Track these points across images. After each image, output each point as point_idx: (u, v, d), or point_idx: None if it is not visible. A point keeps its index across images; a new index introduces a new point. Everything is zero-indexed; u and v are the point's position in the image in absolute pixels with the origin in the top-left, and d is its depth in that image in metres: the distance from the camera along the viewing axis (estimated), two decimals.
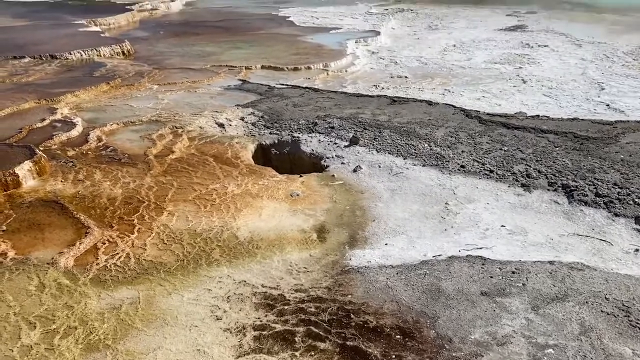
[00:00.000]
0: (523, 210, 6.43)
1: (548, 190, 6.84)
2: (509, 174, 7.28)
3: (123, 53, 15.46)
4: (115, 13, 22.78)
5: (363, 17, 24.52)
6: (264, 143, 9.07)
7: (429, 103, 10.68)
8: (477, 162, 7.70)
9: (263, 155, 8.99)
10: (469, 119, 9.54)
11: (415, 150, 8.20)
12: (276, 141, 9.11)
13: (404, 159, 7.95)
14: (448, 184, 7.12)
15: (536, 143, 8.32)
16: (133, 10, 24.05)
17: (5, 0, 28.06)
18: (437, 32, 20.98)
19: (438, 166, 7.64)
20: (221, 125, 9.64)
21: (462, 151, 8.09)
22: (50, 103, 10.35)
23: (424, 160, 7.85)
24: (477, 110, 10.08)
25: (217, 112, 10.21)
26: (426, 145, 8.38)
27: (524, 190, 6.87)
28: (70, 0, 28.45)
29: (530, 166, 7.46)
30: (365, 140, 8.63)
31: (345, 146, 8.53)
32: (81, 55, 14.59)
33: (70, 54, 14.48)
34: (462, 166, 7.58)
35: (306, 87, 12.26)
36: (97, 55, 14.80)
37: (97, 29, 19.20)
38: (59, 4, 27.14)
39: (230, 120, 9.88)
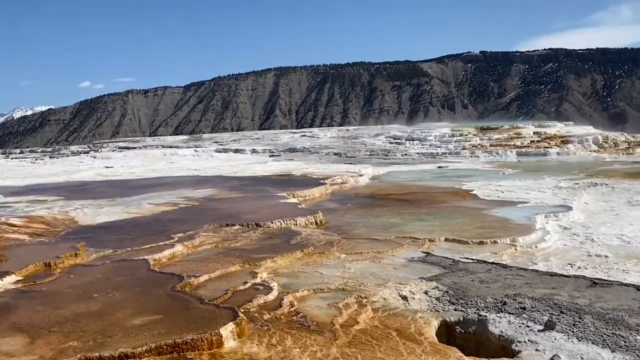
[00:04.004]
0: None
1: None
2: None
3: (316, 223, 16.93)
4: (311, 186, 25.49)
5: (551, 190, 23.77)
6: (448, 320, 8.80)
7: (638, 288, 9.53)
8: None
9: (447, 333, 8.67)
10: None
11: (625, 342, 7.23)
12: (461, 319, 8.79)
13: (612, 351, 7.01)
14: None
15: None
16: (326, 184, 26.68)
17: (225, 176, 33.35)
18: (639, 208, 19.31)
19: None
20: (404, 298, 9.68)
21: None
22: (252, 267, 11.52)
23: (637, 356, 6.83)
24: None
25: (400, 284, 10.34)
26: (639, 337, 7.34)
27: None
28: (274, 175, 32.77)
29: None
30: (563, 326, 7.88)
31: (539, 330, 7.87)
32: (280, 224, 16.32)
33: (272, 222, 16.30)
34: None
35: (493, 263, 11.90)
36: (294, 225, 16.40)
37: (295, 200, 21.52)
38: (265, 178, 31.37)
39: (414, 294, 9.88)
